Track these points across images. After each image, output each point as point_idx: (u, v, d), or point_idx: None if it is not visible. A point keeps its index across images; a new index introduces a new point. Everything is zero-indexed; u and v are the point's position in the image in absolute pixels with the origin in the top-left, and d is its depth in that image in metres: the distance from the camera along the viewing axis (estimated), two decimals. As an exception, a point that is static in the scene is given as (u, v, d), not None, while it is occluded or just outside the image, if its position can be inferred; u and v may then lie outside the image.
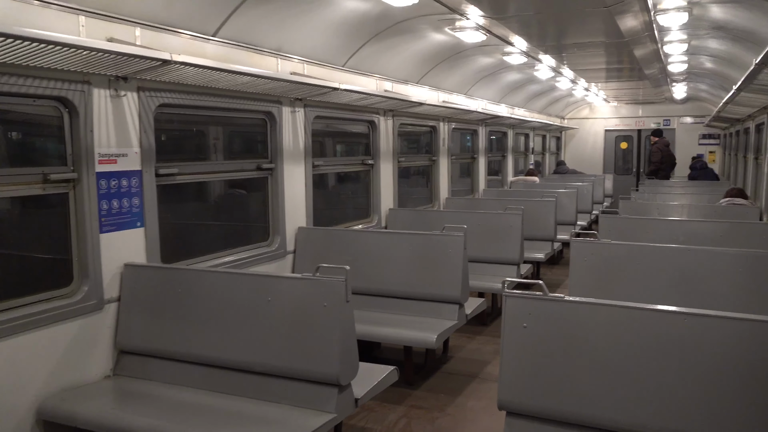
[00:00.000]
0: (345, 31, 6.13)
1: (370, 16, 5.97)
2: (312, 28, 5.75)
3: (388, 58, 7.25)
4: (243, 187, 6.07)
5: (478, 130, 11.27)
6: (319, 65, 6.23)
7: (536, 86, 12.54)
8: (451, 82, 9.51)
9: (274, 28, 5.37)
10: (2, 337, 3.45)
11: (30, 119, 3.96)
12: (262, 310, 3.81)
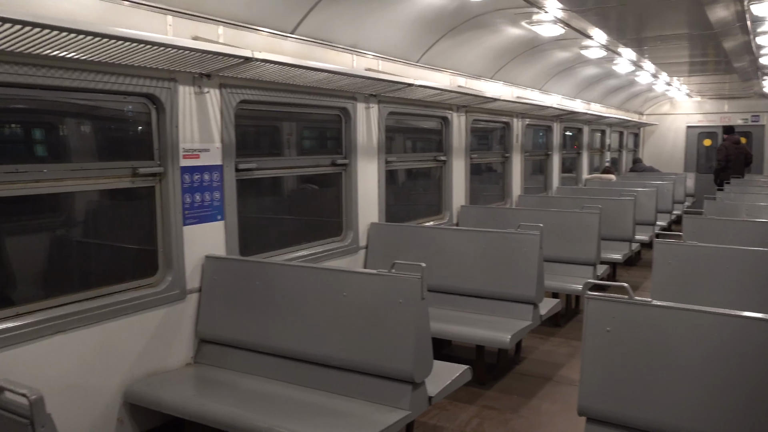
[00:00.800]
0: (420, 27, 6.10)
1: (446, 10, 5.91)
2: (387, 24, 5.75)
3: (463, 53, 7.17)
4: (314, 182, 6.15)
5: (553, 126, 11.00)
6: (393, 61, 6.23)
7: (614, 81, 12.12)
8: (526, 78, 9.31)
9: (349, 25, 5.40)
10: (95, 322, 3.63)
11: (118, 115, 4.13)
12: (337, 304, 3.84)
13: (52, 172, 3.50)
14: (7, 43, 2.93)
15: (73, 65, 3.44)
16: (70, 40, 3.00)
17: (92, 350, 3.65)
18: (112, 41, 3.14)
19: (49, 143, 3.83)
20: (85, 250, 4.05)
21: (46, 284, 3.78)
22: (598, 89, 12.40)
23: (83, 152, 3.92)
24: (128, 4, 3.71)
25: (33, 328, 3.33)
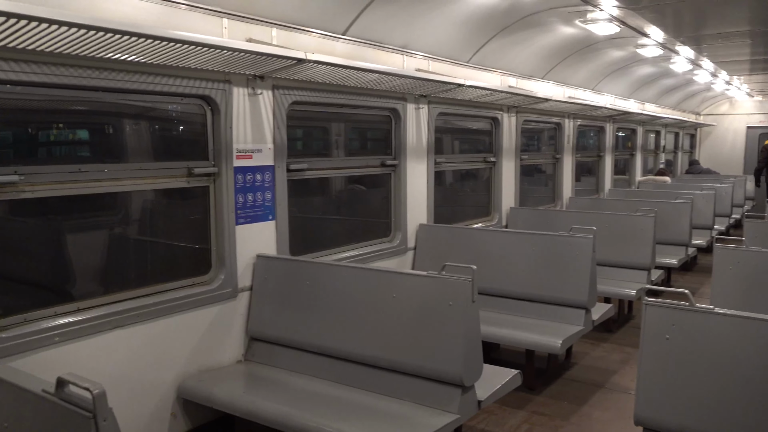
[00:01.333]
0: (471, 27, 6.04)
1: (498, 10, 5.84)
2: (437, 25, 5.72)
3: (514, 53, 7.08)
4: (361, 182, 6.16)
5: (605, 126, 10.74)
6: (443, 61, 6.19)
7: (670, 80, 11.76)
8: (578, 78, 9.12)
9: (400, 26, 5.39)
10: (151, 318, 3.73)
11: (174, 116, 4.22)
12: (386, 305, 3.83)
13: (113, 172, 3.61)
14: (71, 47, 3.03)
15: (133, 68, 3.53)
16: (131, 44, 3.07)
17: (148, 346, 3.74)
18: (170, 44, 3.20)
19: (109, 144, 3.94)
20: (142, 247, 4.15)
21: (105, 281, 3.89)
22: (653, 89, 12.05)
23: (141, 152, 4.03)
24: (185, 8, 3.78)
25: (93, 323, 3.44)
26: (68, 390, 1.84)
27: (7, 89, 3.15)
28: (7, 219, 3.44)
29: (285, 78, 4.42)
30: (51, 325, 3.29)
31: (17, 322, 3.20)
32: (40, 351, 3.24)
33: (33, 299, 3.46)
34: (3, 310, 3.18)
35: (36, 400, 1.90)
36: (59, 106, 3.57)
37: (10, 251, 3.46)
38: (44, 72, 3.16)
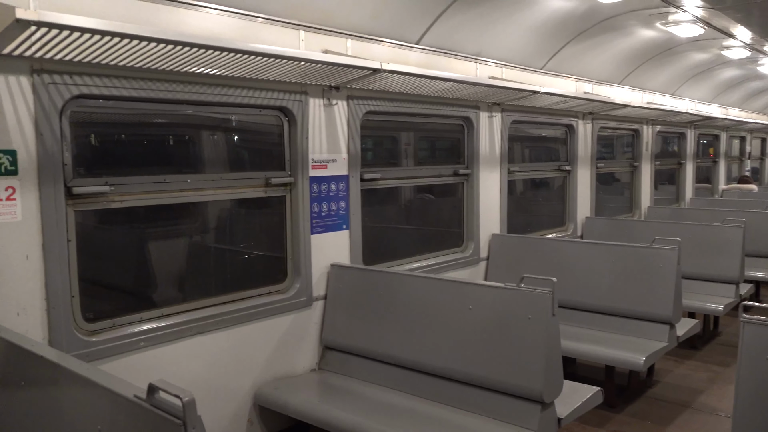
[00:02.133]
0: (545, 33, 5.91)
1: (575, 14, 5.69)
2: (511, 32, 5.63)
3: (590, 58, 6.87)
4: (431, 192, 6.11)
5: (686, 133, 10.27)
6: (516, 68, 6.08)
7: (758, 83, 11.14)
8: (657, 82, 8.77)
9: (473, 34, 5.33)
10: (229, 325, 3.80)
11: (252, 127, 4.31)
12: (462, 317, 3.76)
13: (195, 182, 3.71)
14: (158, 62, 3.14)
15: (215, 81, 3.63)
16: (214, 57, 3.16)
17: (227, 352, 3.81)
18: (251, 57, 3.26)
19: (192, 155, 4.06)
20: (221, 255, 4.25)
21: (187, 288, 4.00)
22: (737, 92, 11.45)
23: (221, 163, 4.13)
24: (264, 21, 3.86)
25: (176, 329, 3.54)
26: (159, 396, 1.88)
27: (99, 104, 3.30)
28: (97, 227, 3.59)
29: (359, 88, 4.44)
30: (137, 330, 3.41)
31: (106, 326, 3.33)
32: (127, 355, 3.36)
33: (120, 305, 3.59)
34: (93, 314, 3.31)
35: (128, 404, 1.95)
36: (145, 119, 3.71)
37: (99, 258, 3.60)
38: (132, 87, 3.29)
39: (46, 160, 2.99)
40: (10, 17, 2.34)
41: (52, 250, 3.02)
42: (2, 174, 2.86)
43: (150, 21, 3.31)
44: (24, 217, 2.93)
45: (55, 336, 3.05)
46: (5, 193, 2.87)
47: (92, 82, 3.13)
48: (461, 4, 4.84)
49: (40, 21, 2.38)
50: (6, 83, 2.85)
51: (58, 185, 3.04)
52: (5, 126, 2.86)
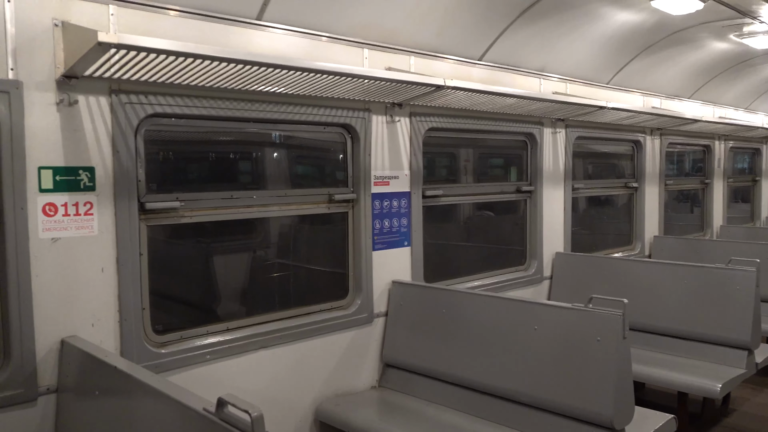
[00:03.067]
0: (612, 47, 5.78)
1: (643, 28, 5.54)
2: (576, 46, 5.52)
3: (659, 72, 6.67)
4: (491, 209, 6.02)
5: (761, 149, 9.81)
6: (581, 84, 5.96)
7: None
8: (729, 96, 8.43)
9: (537, 49, 5.26)
10: (292, 340, 3.83)
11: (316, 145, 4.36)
12: (527, 338, 3.66)
13: (261, 198, 3.78)
14: (229, 81, 3.22)
15: (281, 99, 3.69)
16: (282, 76, 3.21)
17: (289, 367, 3.84)
18: (317, 75, 3.30)
19: (257, 171, 4.14)
20: (285, 271, 4.30)
21: (252, 302, 4.06)
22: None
23: (285, 180, 4.19)
24: (328, 40, 3.92)
25: (240, 342, 3.59)
26: (227, 410, 1.90)
27: (170, 122, 3.41)
28: (165, 242, 3.69)
29: (422, 105, 4.44)
30: (203, 343, 3.47)
31: (174, 339, 3.41)
32: (193, 368, 3.42)
33: (187, 318, 3.67)
34: (162, 327, 3.39)
35: (197, 417, 1.98)
36: (213, 137, 3.81)
37: (167, 272, 3.70)
38: (203, 105, 3.39)
39: (122, 177, 3.10)
40: (93, 40, 2.45)
41: (125, 263, 3.12)
42: (81, 190, 2.98)
43: (220, 42, 3.40)
44: (100, 231, 3.04)
45: (127, 347, 3.14)
46: (84, 208, 2.98)
47: (165, 102, 3.24)
48: (525, 19, 4.79)
49: (119, 44, 2.48)
50: (87, 103, 2.98)
51: (132, 201, 3.15)
52: (85, 144, 2.98)
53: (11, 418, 2.81)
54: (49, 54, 2.84)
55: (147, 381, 2.27)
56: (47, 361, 2.89)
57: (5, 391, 2.77)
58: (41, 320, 2.87)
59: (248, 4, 3.47)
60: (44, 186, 2.87)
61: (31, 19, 2.77)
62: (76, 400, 2.81)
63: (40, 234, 2.86)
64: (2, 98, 2.70)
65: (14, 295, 2.78)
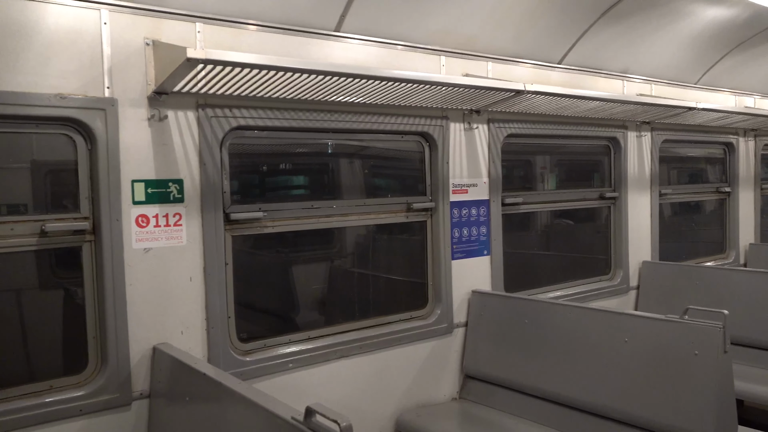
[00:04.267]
0: (700, 45, 5.49)
1: (735, 23, 5.24)
2: (661, 46, 5.29)
3: (752, 69, 6.28)
4: (570, 216, 5.81)
5: None
6: (667, 84, 5.70)
7: None
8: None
9: (620, 50, 5.07)
10: (372, 350, 3.83)
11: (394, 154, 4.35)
12: (616, 350, 3.50)
13: (340, 208, 3.80)
14: (308, 92, 3.26)
15: (358, 109, 3.72)
16: (360, 85, 3.22)
17: (370, 377, 3.83)
18: (396, 83, 3.29)
19: (336, 181, 4.17)
20: (363, 280, 4.31)
21: (332, 311, 4.09)
22: None
23: (364, 189, 4.20)
24: (403, 49, 3.91)
25: (322, 351, 3.61)
26: (315, 420, 1.90)
27: (254, 134, 3.49)
28: (248, 252, 3.77)
29: (500, 111, 4.36)
30: (286, 351, 3.51)
31: (258, 347, 3.47)
32: (276, 376, 3.47)
33: (270, 327, 3.73)
34: (247, 335, 3.46)
35: (286, 426, 1.99)
36: (293, 148, 3.87)
37: (250, 281, 3.78)
38: (284, 117, 3.45)
39: (208, 188, 3.19)
40: (182, 57, 2.53)
41: (212, 272, 3.21)
42: (171, 201, 3.08)
43: (300, 54, 3.46)
44: (188, 242, 3.14)
45: (214, 355, 3.22)
46: (173, 219, 3.09)
47: (248, 114, 3.32)
48: (607, 20, 4.63)
49: (207, 59, 2.56)
50: (175, 118, 3.09)
51: (218, 212, 3.23)
52: (174, 157, 3.09)
53: (107, 422, 2.93)
54: (141, 72, 2.96)
55: (236, 389, 2.30)
56: (140, 367, 3.00)
57: (102, 395, 2.89)
58: (135, 327, 2.99)
59: (327, 16, 3.51)
60: (137, 198, 2.99)
61: (125, 40, 2.91)
62: (168, 406, 2.90)
63: (133, 244, 2.98)
64: (99, 115, 2.84)
65: (110, 302, 2.91)
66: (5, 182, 2.91)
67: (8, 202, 2.87)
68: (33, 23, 2.70)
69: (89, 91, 2.83)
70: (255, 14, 3.28)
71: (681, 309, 3.31)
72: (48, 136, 2.86)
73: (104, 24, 2.85)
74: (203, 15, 3.12)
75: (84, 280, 2.94)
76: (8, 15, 2.64)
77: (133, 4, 2.93)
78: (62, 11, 2.76)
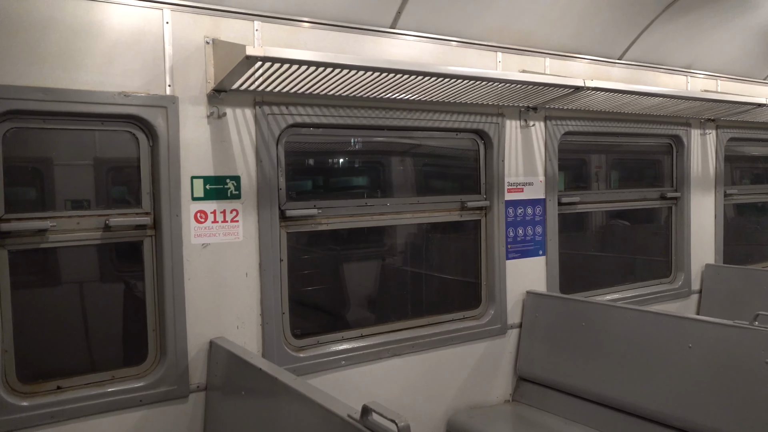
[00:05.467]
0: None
1: (809, 15, 4.97)
2: (727, 40, 5.07)
3: (827, 63, 5.95)
4: (626, 217, 5.62)
5: None
6: (733, 80, 5.46)
7: None
8: None
9: (683, 45, 4.88)
10: (424, 350, 3.79)
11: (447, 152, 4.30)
12: (679, 356, 3.36)
13: (394, 206, 3.78)
14: (364, 90, 3.25)
15: (413, 106, 3.69)
16: (417, 82, 3.19)
17: (422, 377, 3.79)
18: (452, 80, 3.25)
19: (390, 179, 4.16)
20: (416, 279, 4.28)
21: (385, 310, 4.07)
22: None
23: (418, 187, 4.17)
24: (457, 45, 3.86)
25: (374, 350, 3.60)
26: (372, 418, 1.88)
27: (309, 132, 3.50)
28: (303, 249, 3.79)
29: (558, 108, 4.26)
30: (338, 348, 3.52)
31: (311, 344, 3.48)
32: (328, 372, 3.47)
33: (322, 324, 3.74)
34: (300, 331, 3.48)
35: (341, 424, 1.98)
36: (347, 146, 3.87)
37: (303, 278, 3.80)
38: (339, 114, 3.45)
39: (264, 185, 3.22)
40: (241, 54, 2.56)
41: (267, 268, 3.23)
42: (228, 198, 3.13)
43: (355, 51, 3.46)
44: (245, 238, 3.18)
45: (268, 350, 3.25)
46: (230, 215, 3.13)
47: (304, 112, 3.33)
48: (670, 14, 4.46)
49: (265, 56, 2.58)
50: (233, 116, 3.13)
51: (273, 208, 3.26)
52: (231, 154, 3.13)
53: (166, 413, 2.99)
54: (201, 70, 3.01)
55: (291, 384, 2.31)
56: (197, 360, 3.06)
57: (161, 387, 2.96)
58: (193, 321, 3.04)
59: (383, 13, 3.49)
60: (196, 194, 3.04)
61: (186, 39, 2.96)
62: (223, 399, 2.94)
63: (192, 240, 3.03)
64: (161, 113, 2.90)
65: (170, 296, 2.97)
66: (71, 178, 3.00)
67: (73, 197, 2.96)
68: (99, 23, 2.77)
69: (151, 89, 2.90)
70: (311, 12, 3.29)
71: (747, 315, 3.17)
72: (110, 133, 2.94)
73: (166, 23, 2.91)
74: (261, 13, 3.15)
75: (144, 273, 3.01)
76: (76, 15, 2.72)
77: (194, 4, 2.98)
78: (127, 11, 2.83)
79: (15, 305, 2.73)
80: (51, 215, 2.80)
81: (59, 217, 2.80)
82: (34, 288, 2.91)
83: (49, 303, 2.97)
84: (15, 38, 2.60)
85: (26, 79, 2.63)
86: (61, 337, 2.97)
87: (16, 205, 2.74)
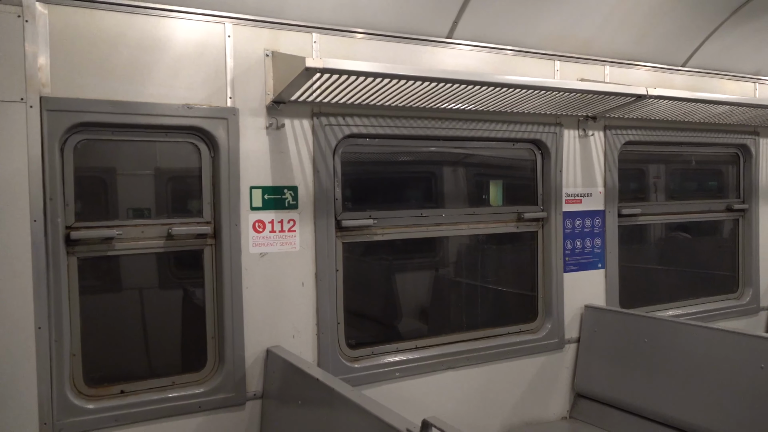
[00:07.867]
0: None
1: None
2: (799, 45, 4.84)
3: None
4: (686, 229, 5.41)
5: None
6: (805, 87, 5.21)
7: None
8: None
9: (751, 51, 4.70)
10: (479, 363, 3.74)
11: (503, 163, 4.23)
12: (750, 377, 3.20)
13: (449, 217, 3.75)
14: (420, 100, 3.24)
15: (468, 116, 3.66)
16: (474, 91, 3.16)
17: (476, 390, 3.73)
18: (506, 89, 3.20)
19: (445, 189, 4.12)
20: (471, 291, 4.22)
21: (440, 322, 4.03)
22: None
23: (473, 198, 4.12)
24: (512, 54, 3.81)
25: (428, 362, 3.57)
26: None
27: (365, 142, 3.51)
28: (358, 260, 3.79)
29: (618, 117, 4.15)
30: (393, 360, 3.50)
31: (366, 354, 3.47)
32: (382, 384, 3.45)
33: (377, 335, 3.73)
34: (355, 342, 3.47)
35: (400, 437, 1.95)
36: (402, 156, 3.86)
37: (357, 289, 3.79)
38: (395, 125, 3.45)
39: (321, 195, 3.24)
40: (300, 66, 2.59)
41: (323, 278, 3.25)
42: (286, 208, 3.16)
43: (411, 61, 3.46)
44: (301, 247, 3.20)
45: (323, 360, 3.26)
46: (287, 225, 3.16)
47: (360, 122, 3.35)
48: (737, 19, 4.30)
49: (324, 68, 2.60)
50: (291, 127, 3.16)
51: (329, 218, 3.28)
52: (289, 164, 3.17)
53: (223, 420, 3.03)
54: (261, 82, 3.06)
55: (348, 395, 2.30)
56: (254, 368, 3.09)
57: (219, 394, 3.00)
58: (250, 329, 3.08)
59: (440, 23, 3.49)
60: (254, 204, 3.08)
61: (247, 52, 3.02)
62: (279, 407, 2.96)
63: (250, 249, 3.07)
64: (222, 124, 2.96)
65: (228, 305, 3.01)
66: (134, 188, 3.09)
67: (135, 206, 3.05)
68: (165, 38, 2.86)
69: (213, 101, 2.96)
70: (368, 23, 3.31)
71: (826, 334, 2.99)
72: (171, 144, 3.01)
73: (228, 37, 2.98)
74: (319, 25, 3.19)
75: (204, 282, 3.06)
76: (144, 31, 2.81)
77: (254, 17, 3.04)
78: (191, 26, 2.91)
79: (83, 311, 2.82)
80: (117, 224, 2.88)
81: (125, 225, 2.89)
82: (101, 294, 3.01)
83: (114, 309, 3.06)
84: (88, 54, 2.71)
85: (97, 92, 2.73)
86: (124, 342, 3.06)
87: (84, 215, 2.84)
